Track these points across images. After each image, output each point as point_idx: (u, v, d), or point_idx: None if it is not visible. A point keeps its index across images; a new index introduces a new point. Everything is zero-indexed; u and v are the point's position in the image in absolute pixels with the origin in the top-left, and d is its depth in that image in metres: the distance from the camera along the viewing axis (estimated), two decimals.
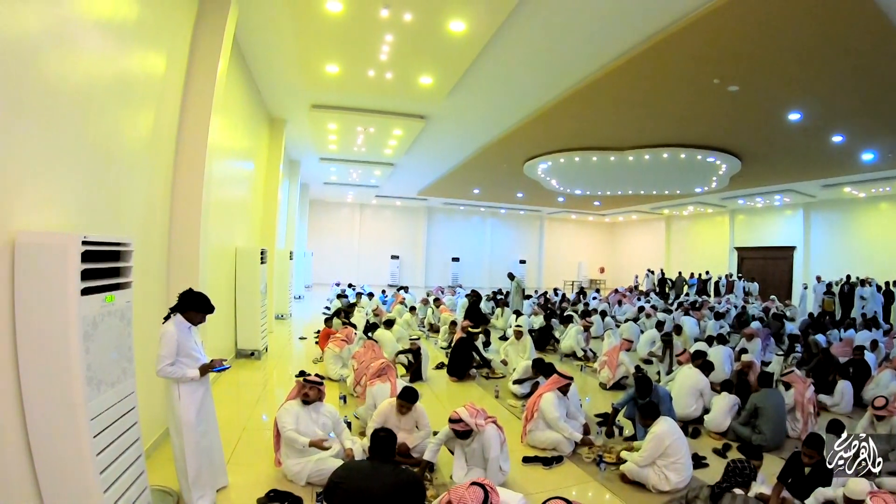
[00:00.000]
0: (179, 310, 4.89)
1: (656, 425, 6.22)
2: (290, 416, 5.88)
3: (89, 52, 4.59)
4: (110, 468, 3.85)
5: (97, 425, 3.72)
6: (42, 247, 3.48)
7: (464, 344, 11.36)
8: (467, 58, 10.31)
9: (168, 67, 6.61)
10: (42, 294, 3.47)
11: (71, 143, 4.33)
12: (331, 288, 26.00)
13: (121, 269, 4.15)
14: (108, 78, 4.96)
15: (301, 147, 19.28)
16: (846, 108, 12.69)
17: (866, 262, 24.69)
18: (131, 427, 4.25)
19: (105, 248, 3.90)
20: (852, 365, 10.87)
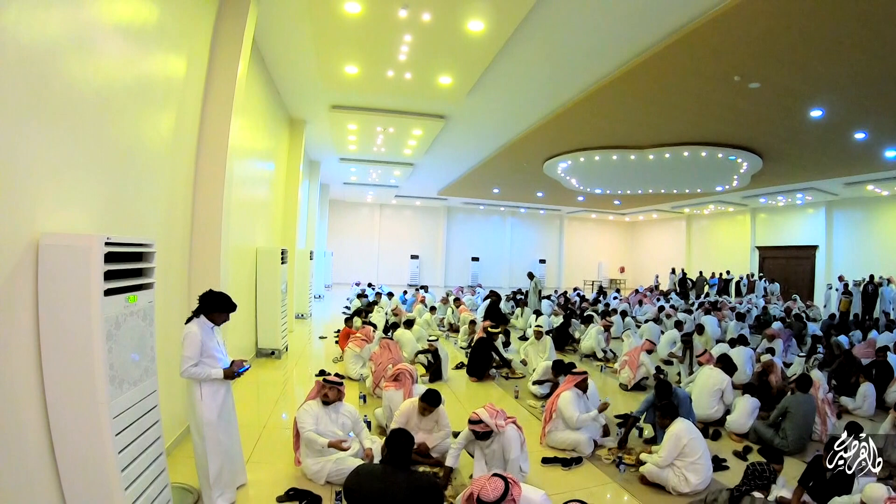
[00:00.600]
0: (203, 311, 4.94)
1: (673, 425, 6.22)
2: (310, 416, 5.89)
3: (110, 56, 4.64)
4: (132, 466, 3.89)
5: (119, 423, 3.77)
6: (66, 248, 3.53)
7: (483, 344, 11.35)
8: (486, 57, 10.32)
9: (188, 69, 6.67)
10: (66, 295, 3.52)
11: (93, 146, 4.38)
12: (350, 287, 26.12)
13: (143, 269, 4.20)
14: (128, 81, 5.01)
15: (321, 148, 19.37)
16: (869, 105, 12.52)
17: (890, 261, 24.35)
18: (153, 425, 4.29)
19: (128, 250, 3.95)
20: (875, 366, 10.72)
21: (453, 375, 11.26)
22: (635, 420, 7.52)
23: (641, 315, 20.22)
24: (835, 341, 12.87)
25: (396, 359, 9.44)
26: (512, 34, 9.30)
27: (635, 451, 7.02)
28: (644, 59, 10.09)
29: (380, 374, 9.21)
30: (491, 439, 5.67)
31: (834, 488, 5.31)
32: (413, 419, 6.54)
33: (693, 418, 7.58)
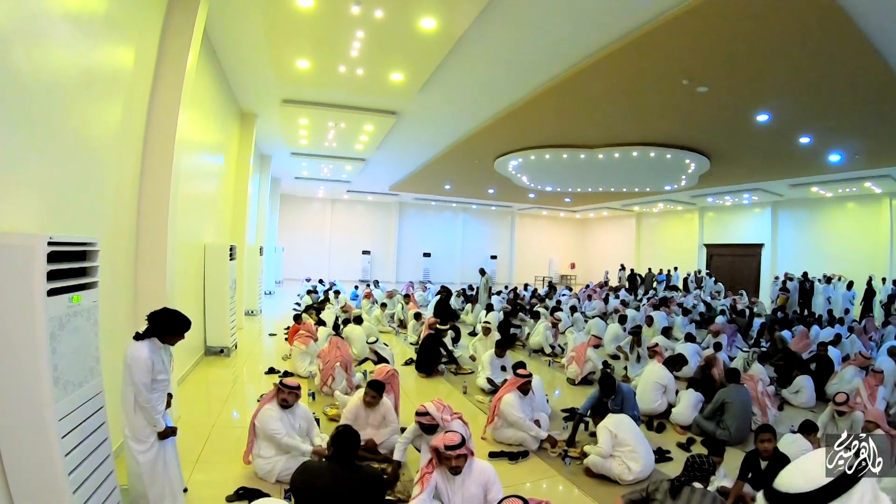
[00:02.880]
0: (156, 334, 4.68)
1: (603, 420, 6.54)
2: (277, 420, 5.86)
3: (58, 46, 4.53)
4: (79, 468, 3.83)
5: (65, 426, 3.70)
6: (7, 248, 3.44)
7: (431, 340, 11.45)
8: (438, 55, 10.34)
9: (137, 61, 6.52)
10: (8, 295, 3.43)
11: (37, 140, 4.27)
12: (301, 284, 25.82)
13: (87, 268, 4.12)
14: (75, 72, 4.89)
15: (272, 141, 19.10)
16: (813, 111, 12.87)
17: (833, 259, 25.25)
18: (99, 427, 4.22)
19: (71, 249, 3.87)
20: (816, 360, 11.17)
21: (402, 372, 11.10)
22: (581, 417, 7.61)
23: (590, 311, 20.43)
24: (778, 335, 13.24)
25: (345, 357, 9.46)
26: (464, 33, 9.32)
27: (581, 444, 7.14)
28: (594, 61, 10.22)
29: (328, 371, 9.21)
30: (437, 434, 5.68)
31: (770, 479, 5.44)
32: (361, 415, 6.58)
33: (637, 412, 7.88)
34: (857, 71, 10.22)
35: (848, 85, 11.00)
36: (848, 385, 9.81)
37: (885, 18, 8.24)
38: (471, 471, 4.67)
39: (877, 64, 9.75)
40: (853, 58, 9.59)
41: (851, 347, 13.08)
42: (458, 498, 4.62)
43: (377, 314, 16.52)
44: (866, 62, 9.72)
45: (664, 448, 7.36)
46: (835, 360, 11.42)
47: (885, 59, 9.60)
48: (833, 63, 9.93)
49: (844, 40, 8.88)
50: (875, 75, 10.32)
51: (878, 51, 9.25)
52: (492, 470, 4.77)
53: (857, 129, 14.30)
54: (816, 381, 10.44)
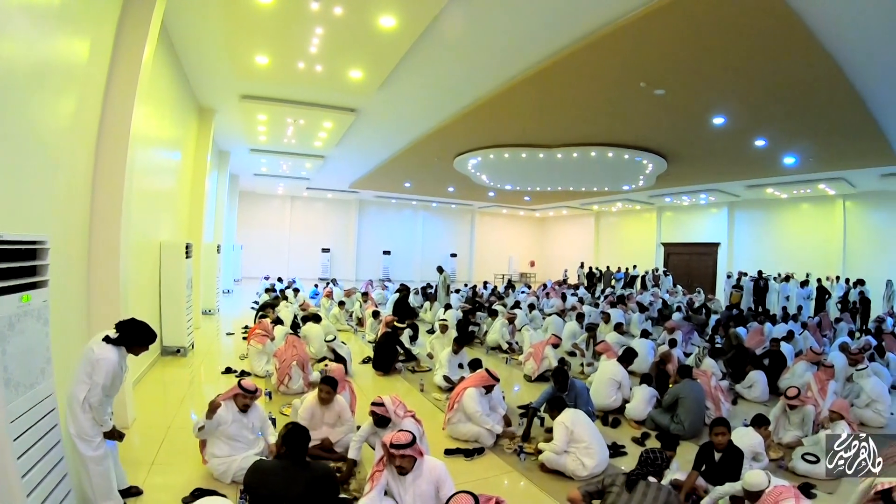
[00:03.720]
0: (125, 343, 4.72)
1: (560, 415, 6.56)
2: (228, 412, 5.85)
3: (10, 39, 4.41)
4: (33, 471, 3.77)
5: (17, 428, 3.64)
6: None
7: (389, 338, 11.45)
8: (397, 53, 10.32)
9: (92, 54, 6.39)
10: None
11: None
12: (260, 282, 25.49)
13: (37, 267, 4.03)
14: (28, 65, 4.78)
15: (231, 138, 18.87)
16: (768, 114, 13.13)
17: (788, 258, 25.96)
18: (52, 429, 4.15)
19: (21, 247, 3.78)
20: (769, 356, 11.42)
21: (360, 370, 11.31)
22: (535, 411, 7.70)
23: (549, 308, 20.57)
24: (733, 332, 13.41)
25: (302, 356, 9.44)
26: (423, 32, 9.31)
27: (535, 440, 7.21)
28: (553, 62, 10.31)
29: (284, 371, 9.17)
30: (389, 429, 5.71)
31: (724, 471, 5.66)
32: (317, 413, 6.59)
33: (592, 408, 8.05)
34: (811, 77, 10.44)
35: (802, 90, 11.24)
36: (799, 379, 10.02)
37: (839, 25, 8.42)
38: (421, 470, 4.72)
39: (831, 70, 9.97)
40: (808, 64, 9.80)
41: (804, 343, 13.31)
42: (409, 496, 4.66)
43: (335, 312, 16.45)
44: (821, 68, 9.93)
45: (619, 443, 7.51)
46: (788, 356, 11.65)
47: (839, 65, 9.81)
48: (788, 69, 10.14)
49: (799, 46, 9.06)
50: (829, 81, 10.56)
51: (832, 56, 9.45)
52: (442, 467, 4.82)
53: (811, 133, 14.63)
54: (769, 376, 10.67)
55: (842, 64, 9.77)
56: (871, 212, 23.88)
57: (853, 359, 10.03)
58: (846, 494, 6.19)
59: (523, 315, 16.50)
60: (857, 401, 9.11)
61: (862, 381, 9.22)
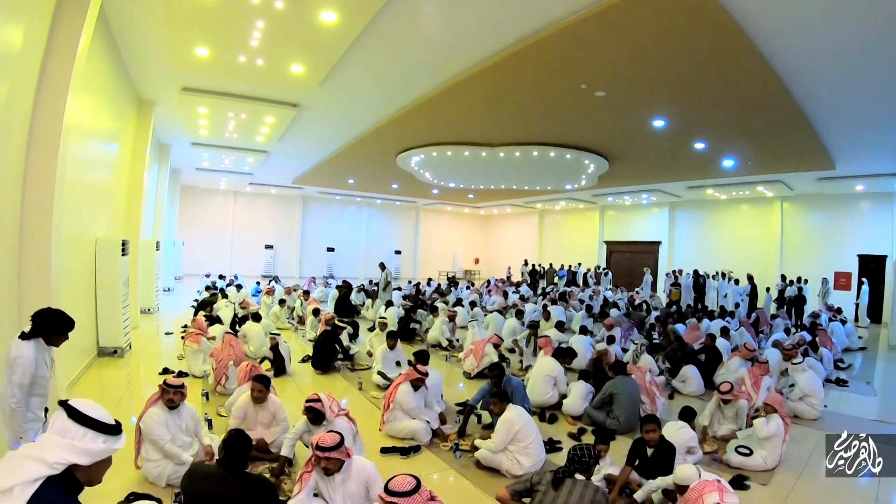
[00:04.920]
0: (40, 334, 4.49)
1: (506, 412, 6.51)
2: (161, 425, 5.65)
3: None
4: None
5: None
6: None
7: (328, 336, 11.36)
8: (339, 49, 10.24)
9: (25, 42, 6.17)
10: None
11: None
12: (201, 279, 25.05)
13: None
14: None
15: (171, 131, 18.39)
16: (707, 118, 13.46)
17: (727, 257, 26.97)
18: None
19: None
20: (705, 351, 11.67)
21: (299, 369, 11.20)
22: (472, 408, 7.77)
23: (491, 305, 20.59)
24: (671, 328, 13.62)
25: (238, 355, 9.30)
26: (365, 28, 9.25)
27: (472, 437, 7.23)
28: (495, 62, 10.34)
29: (221, 371, 9.02)
30: (323, 428, 5.67)
31: (656, 466, 5.73)
32: (250, 413, 6.51)
33: (528, 404, 8.10)
34: (749, 82, 10.70)
35: (741, 95, 11.52)
36: (734, 375, 10.25)
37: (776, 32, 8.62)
38: (350, 471, 4.72)
39: (768, 76, 10.22)
40: (746, 69, 10.03)
41: (740, 339, 13.54)
42: (338, 496, 4.66)
43: (276, 311, 16.27)
44: (758, 74, 10.18)
45: (555, 438, 7.60)
46: (724, 351, 11.92)
47: (776, 71, 10.06)
48: (727, 73, 10.37)
49: (737, 52, 9.26)
50: (766, 87, 10.84)
51: (769, 63, 9.68)
52: (372, 468, 4.83)
53: (750, 137, 15.06)
54: (706, 371, 10.98)
55: (779, 70, 10.03)
56: (807, 213, 25.09)
57: (787, 353, 10.23)
58: (779, 485, 6.40)
59: (465, 313, 16.62)
60: (790, 394, 9.36)
61: (796, 376, 9.49)
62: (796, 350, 10.44)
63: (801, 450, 7.57)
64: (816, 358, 11.75)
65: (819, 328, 14.77)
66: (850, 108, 12.24)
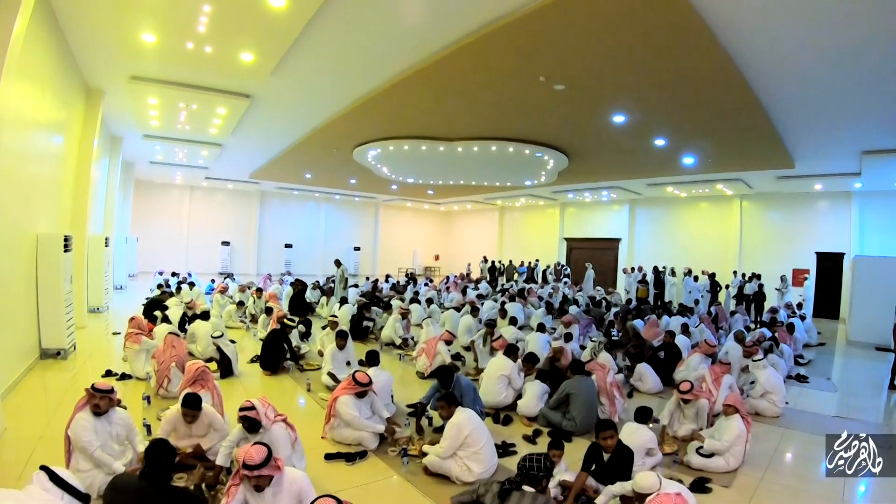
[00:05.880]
0: None
1: (455, 416, 6.26)
2: (90, 432, 5.30)
3: None
4: None
5: None
6: None
7: (277, 336, 11.04)
8: (288, 36, 9.90)
9: None
10: None
11: None
12: (154, 277, 24.29)
13: None
14: None
15: (123, 122, 17.81)
16: (668, 114, 13.47)
17: (687, 254, 27.36)
18: None
19: None
20: (664, 348, 11.61)
21: (248, 370, 10.86)
22: (423, 408, 7.53)
23: (449, 302, 20.59)
24: (630, 325, 13.60)
25: (181, 356, 8.92)
26: (315, 15, 8.93)
27: (421, 440, 7.02)
28: (451, 52, 10.10)
29: (163, 373, 8.63)
30: (260, 435, 5.43)
31: (614, 471, 5.52)
32: (181, 427, 6.13)
33: (480, 406, 7.80)
34: (711, 78, 10.67)
35: (702, 91, 11.52)
36: (694, 372, 10.19)
37: (739, 26, 8.54)
38: (281, 485, 4.48)
39: (730, 73, 10.19)
40: (708, 65, 9.98)
41: (700, 336, 13.51)
42: None
43: (231, 309, 15.91)
44: (720, 70, 10.14)
45: (509, 441, 7.36)
46: (684, 348, 11.86)
47: (739, 69, 10.04)
48: (688, 69, 10.31)
49: (699, 46, 9.18)
50: (728, 84, 10.85)
51: (732, 59, 9.63)
52: (304, 480, 4.67)
53: (711, 134, 15.19)
54: (665, 369, 10.94)
55: (741, 67, 9.99)
56: (766, 211, 25.76)
57: (748, 351, 10.26)
58: (743, 487, 6.28)
59: (422, 310, 16.43)
60: (752, 391, 9.35)
61: (757, 373, 9.42)
62: (757, 347, 10.48)
63: (763, 448, 7.53)
64: (777, 354, 11.73)
65: (778, 324, 14.87)
66: (810, 107, 12.38)
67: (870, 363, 14.31)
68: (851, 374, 13.22)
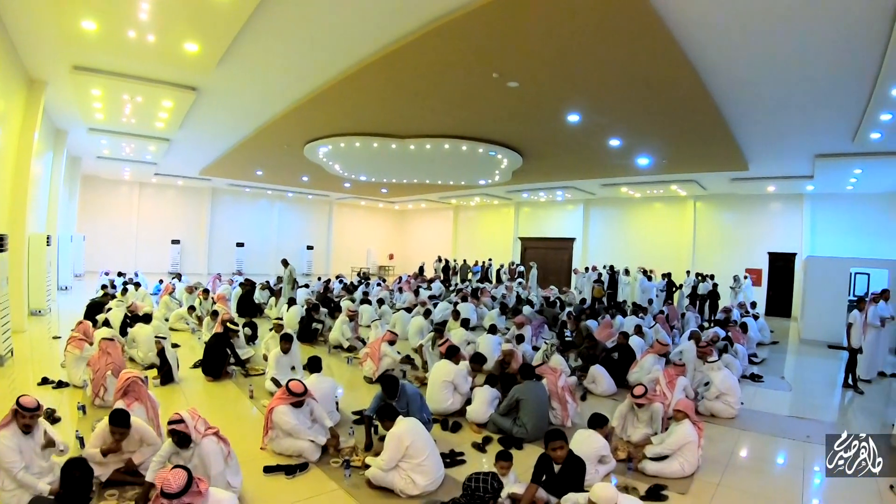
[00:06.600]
0: None
1: (395, 426, 6.01)
2: (15, 452, 4.94)
3: None
4: None
5: None
6: None
7: (219, 340, 10.60)
8: (234, 25, 9.53)
9: None
10: None
11: None
12: (99, 277, 23.35)
13: None
14: None
15: (67, 115, 17.13)
16: (623, 114, 13.51)
17: (641, 254, 27.66)
18: None
19: None
20: (618, 349, 11.53)
21: (190, 376, 10.37)
22: (370, 419, 7.08)
23: (401, 303, 20.46)
24: (583, 325, 13.64)
25: (117, 363, 8.42)
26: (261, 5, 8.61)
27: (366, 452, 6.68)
28: (400, 46, 9.92)
29: (98, 381, 8.18)
30: (191, 450, 5.13)
31: (565, 482, 5.34)
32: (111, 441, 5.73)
33: (427, 414, 7.52)
34: (667, 79, 10.70)
35: (658, 91, 11.54)
36: (648, 374, 10.12)
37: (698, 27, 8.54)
38: None
39: (688, 74, 10.24)
40: (664, 65, 9.99)
41: (655, 336, 13.49)
42: None
43: (179, 312, 15.52)
44: (677, 72, 10.19)
45: (457, 450, 7.10)
46: (638, 349, 11.79)
47: (696, 70, 10.05)
48: (644, 68, 10.31)
49: (656, 46, 9.17)
50: (685, 85, 10.95)
51: (691, 61, 9.66)
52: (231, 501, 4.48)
53: (665, 135, 15.33)
54: (619, 370, 10.84)
55: (698, 68, 10.01)
56: (720, 212, 26.34)
57: (702, 351, 10.19)
58: (699, 493, 6.15)
59: (373, 311, 16.18)
60: (706, 393, 9.28)
61: (712, 374, 9.40)
62: (711, 348, 10.41)
63: (719, 451, 7.47)
64: (732, 354, 11.80)
65: (731, 323, 15.04)
66: (765, 110, 12.55)
67: (823, 361, 14.58)
68: (805, 373, 13.40)
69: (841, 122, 12.95)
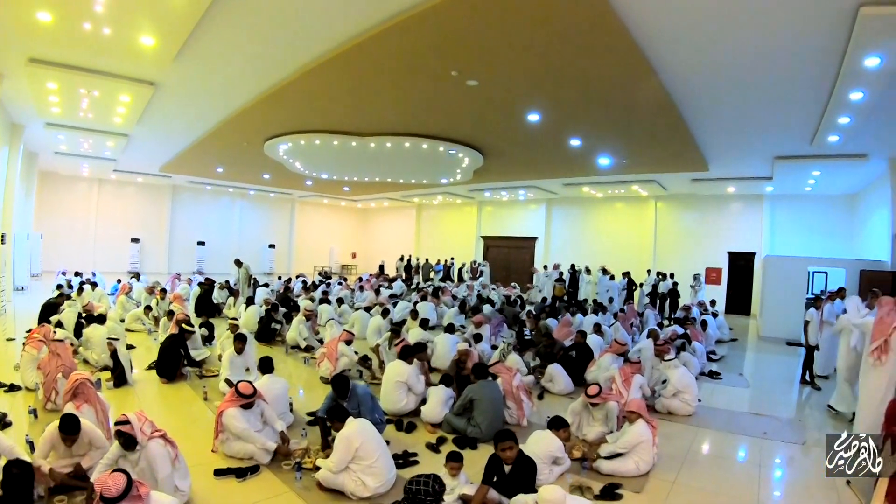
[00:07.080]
0: None
1: (345, 428, 5.99)
2: None
3: None
4: None
5: None
6: None
7: (173, 340, 10.49)
8: (189, 20, 9.45)
9: None
10: None
11: None
12: (56, 276, 23.06)
13: None
14: None
15: (23, 109, 16.76)
16: (583, 114, 13.60)
17: (603, 253, 27.91)
18: None
19: None
20: (576, 348, 11.55)
21: (144, 377, 10.23)
22: (323, 420, 7.00)
23: (361, 302, 20.37)
24: (543, 324, 13.67)
25: (68, 365, 8.22)
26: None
27: (318, 453, 6.71)
28: (358, 43, 9.92)
29: (49, 384, 7.99)
30: (137, 453, 5.09)
31: (516, 483, 5.37)
32: (59, 448, 5.66)
33: (379, 415, 7.48)
34: (627, 79, 10.85)
35: (618, 92, 11.73)
36: (605, 372, 10.17)
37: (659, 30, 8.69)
38: None
39: (648, 74, 10.36)
40: (625, 66, 10.13)
41: (615, 335, 13.59)
42: None
43: (137, 312, 15.34)
44: (637, 72, 10.32)
45: (411, 450, 7.10)
46: (597, 348, 11.85)
47: (656, 70, 10.16)
48: (604, 68, 10.43)
49: (616, 46, 9.27)
50: (645, 86, 11.07)
51: (650, 61, 9.78)
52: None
53: (626, 136, 15.54)
54: (576, 368, 10.87)
55: (657, 68, 10.12)
56: (680, 212, 26.82)
57: (660, 349, 10.22)
58: (654, 492, 6.18)
59: (332, 310, 16.04)
60: (664, 391, 9.35)
61: (669, 372, 9.47)
62: (669, 346, 10.48)
63: (676, 449, 7.53)
64: (690, 351, 11.99)
65: (689, 321, 15.25)
66: (725, 112, 12.78)
67: (781, 358, 14.86)
68: (763, 370, 13.68)
69: (800, 125, 13.23)
